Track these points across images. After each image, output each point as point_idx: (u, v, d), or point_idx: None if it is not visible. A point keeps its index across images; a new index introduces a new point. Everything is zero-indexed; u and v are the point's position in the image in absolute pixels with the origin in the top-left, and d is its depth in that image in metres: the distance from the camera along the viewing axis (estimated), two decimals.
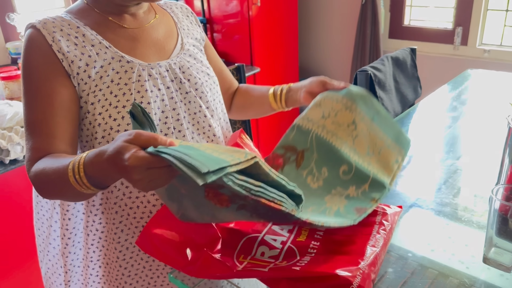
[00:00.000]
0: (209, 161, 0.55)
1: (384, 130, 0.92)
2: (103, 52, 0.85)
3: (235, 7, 2.73)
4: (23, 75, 0.82)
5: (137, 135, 0.60)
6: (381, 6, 2.83)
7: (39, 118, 0.80)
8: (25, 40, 0.83)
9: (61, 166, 0.71)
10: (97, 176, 0.66)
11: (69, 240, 0.94)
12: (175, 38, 0.96)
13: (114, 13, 0.89)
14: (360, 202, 0.85)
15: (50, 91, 0.80)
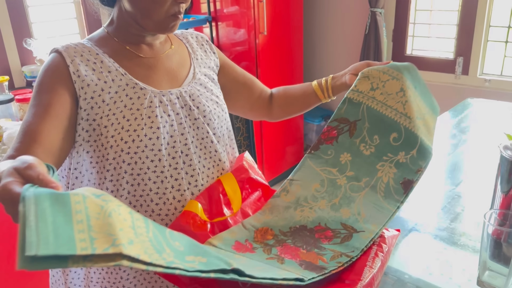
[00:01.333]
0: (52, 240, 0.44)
1: (424, 98, 1.01)
2: (119, 79, 0.90)
3: (243, 36, 2.82)
4: (35, 86, 0.88)
5: (28, 166, 0.55)
6: (383, 36, 2.91)
7: (31, 121, 0.82)
8: (47, 61, 0.89)
9: None
10: None
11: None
12: (187, 67, 1.02)
13: (131, 43, 0.95)
14: (408, 171, 0.92)
15: (51, 100, 0.84)
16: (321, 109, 3.49)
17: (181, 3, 0.89)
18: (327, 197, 0.93)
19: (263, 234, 0.90)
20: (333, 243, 0.86)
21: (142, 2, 0.88)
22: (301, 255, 0.83)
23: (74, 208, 0.49)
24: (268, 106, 1.22)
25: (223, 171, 1.00)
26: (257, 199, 1.03)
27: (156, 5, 0.87)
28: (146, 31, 0.94)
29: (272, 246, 0.86)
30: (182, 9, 0.91)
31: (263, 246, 0.86)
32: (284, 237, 0.89)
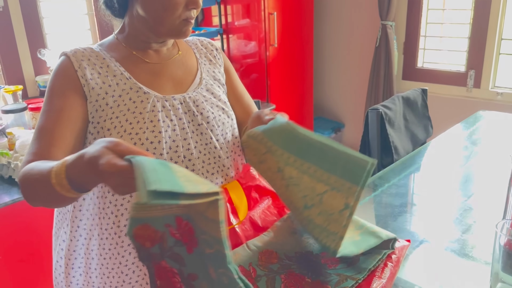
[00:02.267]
0: (165, 182, 0.53)
1: (324, 165, 0.72)
2: (123, 83, 0.92)
3: (253, 48, 2.84)
4: (46, 90, 0.90)
5: (116, 143, 0.64)
6: (394, 49, 2.91)
7: (46, 126, 0.86)
8: (56, 65, 0.92)
9: (45, 169, 0.73)
10: (77, 179, 0.68)
11: (69, 262, 0.98)
12: (194, 73, 1.03)
13: (138, 49, 0.97)
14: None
15: (63, 105, 0.87)
16: (331, 121, 3.48)
17: (192, 9, 0.90)
18: None
19: (267, 257, 0.85)
20: (339, 268, 0.83)
21: (155, 9, 0.89)
22: (305, 285, 0.80)
23: (172, 168, 0.60)
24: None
25: (227, 177, 1.00)
26: (266, 207, 1.02)
27: (168, 11, 0.89)
28: (159, 36, 0.95)
29: (276, 274, 0.82)
30: (194, 14, 0.92)
31: (267, 273, 0.82)
32: (289, 261, 0.85)
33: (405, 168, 1.48)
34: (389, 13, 2.84)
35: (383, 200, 1.28)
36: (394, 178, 1.40)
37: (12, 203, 1.71)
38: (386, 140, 1.57)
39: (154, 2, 0.89)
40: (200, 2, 0.90)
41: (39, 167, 0.76)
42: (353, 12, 3.16)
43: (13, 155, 1.84)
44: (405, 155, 1.59)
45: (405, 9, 2.94)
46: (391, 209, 1.23)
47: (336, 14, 3.24)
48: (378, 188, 1.34)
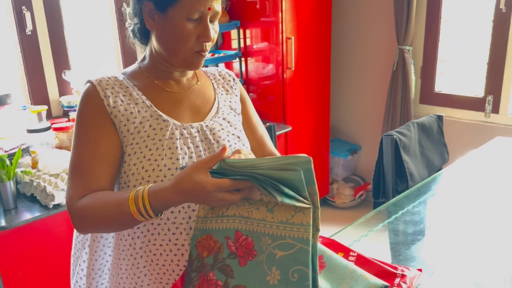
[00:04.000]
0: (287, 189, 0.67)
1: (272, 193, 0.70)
2: (144, 111, 0.96)
3: (271, 70, 2.89)
4: (77, 121, 0.95)
5: (204, 162, 0.78)
6: (412, 73, 2.92)
7: (85, 159, 0.91)
8: (82, 93, 0.96)
9: (116, 200, 0.83)
10: (161, 206, 0.80)
11: (93, 281, 1.01)
12: (211, 102, 1.06)
13: (160, 78, 1.01)
14: None
15: (98, 137, 0.92)
16: (347, 143, 3.48)
17: (203, 42, 0.94)
18: None
19: None
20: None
21: (168, 41, 0.94)
22: None
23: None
24: None
25: None
26: None
27: (180, 44, 0.93)
28: (174, 67, 0.99)
29: None
30: (206, 47, 0.96)
31: None
32: None
33: (420, 194, 1.48)
34: (406, 37, 2.86)
35: (396, 227, 1.28)
36: (409, 205, 1.40)
37: (33, 220, 1.76)
38: (401, 166, 1.58)
39: (167, 33, 0.93)
40: (210, 36, 0.93)
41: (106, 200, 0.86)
42: (370, 36, 3.18)
43: (35, 174, 1.90)
44: (421, 182, 1.58)
45: (423, 33, 2.96)
46: (404, 236, 1.23)
47: (354, 38, 3.28)
48: (392, 215, 1.34)
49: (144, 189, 0.81)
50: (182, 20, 0.91)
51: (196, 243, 0.71)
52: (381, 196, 1.59)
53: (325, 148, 3.27)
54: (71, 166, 0.93)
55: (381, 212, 1.37)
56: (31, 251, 1.83)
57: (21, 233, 1.78)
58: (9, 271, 1.78)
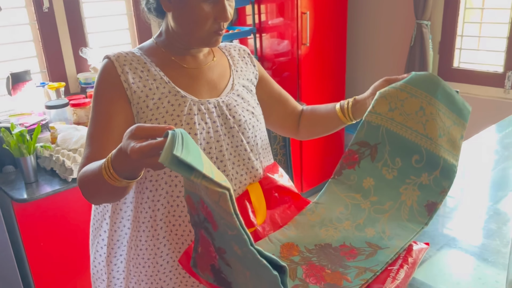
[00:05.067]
0: (190, 156, 0.59)
1: (449, 106, 0.96)
2: (162, 87, 0.98)
3: (286, 47, 2.87)
4: (94, 95, 0.97)
5: (136, 128, 0.71)
6: (429, 48, 2.86)
7: (98, 132, 0.94)
8: (100, 68, 0.98)
9: (96, 167, 0.82)
10: (122, 169, 0.77)
11: (112, 251, 1.05)
12: (227, 78, 1.08)
13: (177, 54, 1.02)
14: (432, 193, 0.93)
15: (112, 111, 0.94)
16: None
17: (221, 22, 0.94)
18: (351, 218, 0.95)
19: (289, 249, 0.91)
20: (357, 260, 0.87)
21: (185, 22, 0.95)
22: (325, 276, 0.84)
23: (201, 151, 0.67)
24: (296, 125, 1.23)
25: (255, 178, 1.04)
26: (287, 207, 1.06)
27: (198, 25, 0.94)
28: (190, 47, 1.00)
29: (298, 265, 0.87)
30: (223, 26, 0.96)
31: (289, 264, 0.88)
32: (310, 254, 0.90)
33: None
34: (424, 12, 2.79)
35: None
36: None
37: (53, 193, 1.82)
38: None
39: (184, 15, 0.94)
40: (228, 15, 0.94)
41: (91, 168, 0.85)
42: (388, 11, 3.12)
43: (54, 148, 1.95)
44: None
45: (442, 8, 2.88)
46: None
47: (370, 13, 3.21)
48: None
49: (109, 154, 0.79)
50: (199, 2, 0.91)
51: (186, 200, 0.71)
52: None
53: None
54: (86, 138, 0.96)
55: None
56: (51, 223, 1.90)
57: (42, 205, 1.85)
58: (31, 242, 1.86)
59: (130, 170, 0.77)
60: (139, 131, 0.71)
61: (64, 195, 1.88)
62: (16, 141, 1.77)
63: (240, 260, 0.66)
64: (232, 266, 0.69)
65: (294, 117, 1.23)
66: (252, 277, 0.66)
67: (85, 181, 0.87)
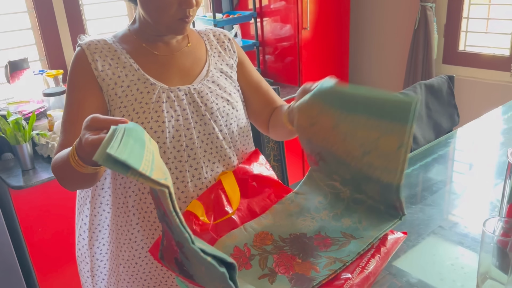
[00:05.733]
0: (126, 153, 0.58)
1: (375, 113, 0.78)
2: (131, 74, 0.97)
3: (287, 31, 2.83)
4: (67, 83, 0.98)
5: (92, 119, 0.72)
6: (434, 31, 2.79)
7: (70, 120, 0.95)
8: (73, 56, 0.99)
9: (65, 155, 0.83)
10: (86, 157, 0.77)
11: (94, 234, 1.07)
12: (202, 65, 1.06)
13: (148, 41, 1.01)
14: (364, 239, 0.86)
15: (82, 98, 0.95)
16: None
17: (186, 8, 0.93)
18: (329, 208, 0.93)
19: (262, 238, 0.91)
20: (330, 250, 0.86)
21: (150, 9, 0.94)
22: (295, 265, 0.84)
23: (146, 143, 0.65)
24: (266, 121, 1.17)
25: (228, 167, 1.03)
26: (266, 195, 1.05)
27: (162, 12, 0.92)
28: (160, 33, 0.99)
29: (270, 254, 0.87)
30: (191, 13, 0.94)
31: (261, 253, 0.88)
32: (283, 243, 0.89)
33: (423, 158, 1.45)
34: None
35: None
36: (408, 169, 1.38)
37: (49, 180, 1.85)
38: None
39: (148, 2, 0.93)
40: (192, 1, 0.92)
41: (61, 155, 0.86)
42: None
43: (51, 136, 1.97)
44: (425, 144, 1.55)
45: None
46: None
47: None
48: None
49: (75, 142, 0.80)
50: None
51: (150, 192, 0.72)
52: None
53: None
54: (61, 126, 0.97)
55: None
56: (49, 209, 1.93)
57: (38, 192, 1.88)
58: (29, 227, 1.90)
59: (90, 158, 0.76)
60: (94, 122, 0.72)
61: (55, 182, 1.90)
62: (12, 128, 1.79)
63: (193, 255, 0.67)
64: (190, 260, 0.70)
65: (269, 113, 1.16)
66: (206, 271, 0.67)
67: (57, 168, 0.88)
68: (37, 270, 1.97)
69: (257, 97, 1.15)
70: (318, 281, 0.79)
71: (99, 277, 1.11)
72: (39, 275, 1.98)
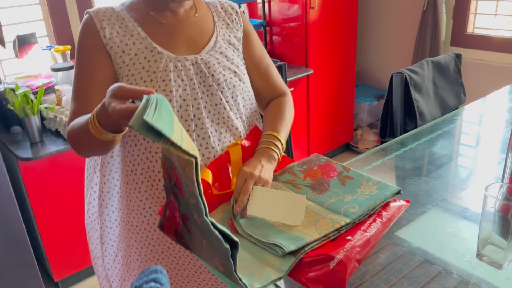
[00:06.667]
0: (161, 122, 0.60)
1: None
2: (139, 42, 0.98)
3: (294, 11, 2.81)
4: (76, 51, 0.98)
5: (118, 89, 0.72)
6: (443, 13, 2.76)
7: (81, 88, 0.96)
8: (81, 24, 0.99)
9: (83, 122, 0.84)
10: (106, 124, 0.79)
11: (104, 202, 1.08)
12: (209, 35, 1.06)
13: (156, 9, 1.01)
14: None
15: (94, 67, 0.96)
16: (374, 88, 3.41)
17: None
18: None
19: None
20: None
21: None
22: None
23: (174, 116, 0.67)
24: (265, 106, 1.17)
25: (235, 137, 1.04)
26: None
27: None
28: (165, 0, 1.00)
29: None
30: None
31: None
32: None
33: (428, 133, 1.45)
34: None
35: (396, 163, 1.28)
36: (413, 143, 1.38)
37: (57, 153, 1.87)
38: (411, 105, 1.54)
39: None
40: None
41: (78, 122, 0.87)
42: None
43: (59, 110, 1.99)
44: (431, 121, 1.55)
45: None
46: (401, 172, 1.23)
47: None
48: (393, 152, 1.34)
49: (95, 109, 0.81)
50: None
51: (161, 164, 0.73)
52: (388, 135, 1.57)
53: (350, 93, 3.21)
54: (71, 94, 0.98)
55: (384, 149, 1.37)
56: (56, 181, 1.96)
57: (46, 164, 1.90)
58: (37, 199, 1.93)
59: (113, 125, 0.79)
60: (120, 91, 0.72)
61: (67, 155, 1.93)
62: (20, 101, 1.81)
63: (199, 229, 0.68)
64: (192, 233, 0.71)
65: (268, 95, 1.16)
66: (207, 246, 0.69)
67: (73, 136, 0.89)
68: (45, 240, 2.00)
69: (257, 72, 1.14)
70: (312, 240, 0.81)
71: (108, 244, 1.13)
72: (47, 246, 2.02)
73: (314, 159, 1.07)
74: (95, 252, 1.19)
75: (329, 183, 0.98)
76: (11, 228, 1.70)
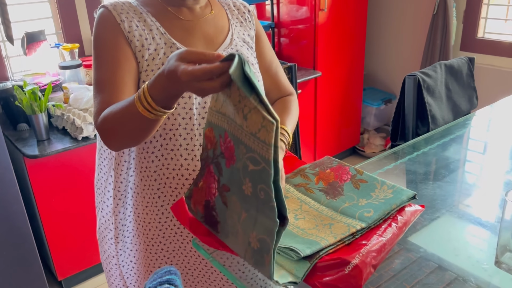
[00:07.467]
0: (255, 80, 0.61)
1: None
2: (158, 38, 0.96)
3: (303, 13, 2.80)
4: (95, 44, 0.94)
5: (187, 53, 0.69)
6: (453, 17, 2.75)
7: (108, 77, 0.91)
8: (97, 17, 0.96)
9: (126, 103, 0.80)
10: (160, 96, 0.75)
11: (120, 201, 1.07)
12: (225, 33, 1.05)
13: (173, 5, 1.00)
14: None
15: (121, 57, 0.92)
16: (382, 92, 3.38)
17: None
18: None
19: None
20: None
21: None
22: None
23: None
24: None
25: None
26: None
27: None
28: None
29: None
30: None
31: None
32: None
33: (440, 138, 1.44)
34: None
35: (408, 167, 1.26)
36: (425, 147, 1.36)
37: (63, 151, 1.86)
38: (424, 109, 1.52)
39: None
40: None
41: (117, 107, 0.83)
42: None
43: (66, 108, 1.98)
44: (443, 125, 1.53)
45: None
46: (414, 176, 1.21)
47: None
48: (406, 155, 1.32)
49: (144, 85, 0.78)
50: None
51: (204, 134, 0.71)
52: (399, 139, 1.55)
53: (358, 96, 3.20)
54: (95, 86, 0.93)
55: (396, 153, 1.35)
56: (62, 179, 1.95)
57: (53, 162, 1.89)
58: (43, 196, 1.92)
59: (171, 96, 0.75)
60: (189, 54, 0.69)
61: (74, 153, 1.92)
62: (28, 98, 1.80)
63: (244, 200, 0.66)
64: (228, 206, 0.69)
65: (275, 96, 1.16)
66: (246, 219, 0.66)
67: (111, 122, 0.84)
68: (49, 238, 1.99)
69: (266, 75, 1.14)
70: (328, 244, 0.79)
71: (123, 242, 1.12)
72: (51, 244, 2.01)
73: (326, 162, 1.05)
74: (109, 252, 1.17)
75: (343, 187, 0.96)
76: (16, 225, 1.69)
